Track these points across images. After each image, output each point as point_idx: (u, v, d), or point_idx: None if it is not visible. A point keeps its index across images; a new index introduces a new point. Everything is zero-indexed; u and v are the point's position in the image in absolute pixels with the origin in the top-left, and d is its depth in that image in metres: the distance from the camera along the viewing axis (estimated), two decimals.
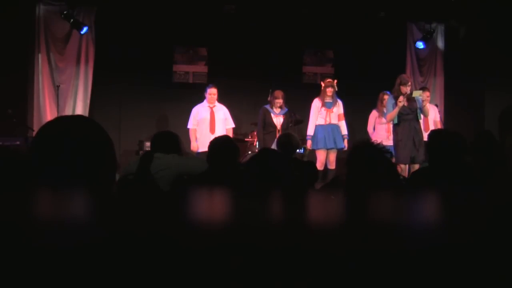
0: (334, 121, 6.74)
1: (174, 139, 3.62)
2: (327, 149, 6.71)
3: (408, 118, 6.03)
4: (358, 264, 0.56)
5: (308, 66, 8.71)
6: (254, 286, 0.55)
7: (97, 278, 0.55)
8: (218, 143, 3.24)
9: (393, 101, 6.08)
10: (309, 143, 6.71)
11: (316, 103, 6.80)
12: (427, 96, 6.85)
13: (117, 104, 8.08)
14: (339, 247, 0.58)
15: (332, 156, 6.75)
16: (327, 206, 0.78)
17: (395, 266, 0.57)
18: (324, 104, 6.74)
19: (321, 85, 6.94)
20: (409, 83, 6.09)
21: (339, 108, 6.81)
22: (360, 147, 2.28)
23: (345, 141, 6.79)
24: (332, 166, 6.74)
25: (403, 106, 5.99)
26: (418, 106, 6.08)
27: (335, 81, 6.89)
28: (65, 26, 7.70)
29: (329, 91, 6.72)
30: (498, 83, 7.82)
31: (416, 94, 6.08)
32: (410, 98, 6.02)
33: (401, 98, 5.96)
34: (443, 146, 2.84)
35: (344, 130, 6.82)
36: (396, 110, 6.00)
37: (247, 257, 0.56)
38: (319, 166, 6.46)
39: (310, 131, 6.76)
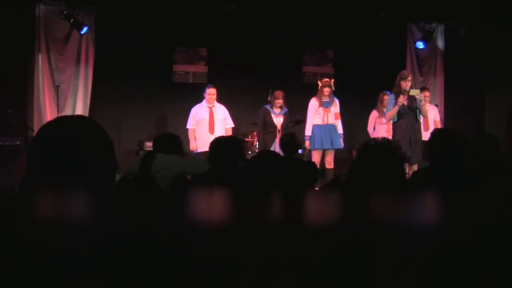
0: (331, 120, 6.72)
1: (176, 140, 3.71)
2: (324, 150, 6.71)
3: (406, 117, 5.93)
4: (357, 264, 0.56)
5: (308, 66, 8.71)
6: (254, 286, 0.55)
7: (97, 278, 0.55)
8: (219, 143, 3.23)
9: (393, 100, 5.97)
10: (307, 144, 6.70)
11: (313, 103, 6.78)
12: (427, 96, 6.82)
13: (117, 104, 8.08)
14: (339, 247, 0.58)
15: (330, 156, 6.74)
16: (327, 206, 0.78)
17: (394, 266, 0.57)
18: (321, 104, 6.72)
19: (318, 85, 6.93)
20: (409, 78, 5.98)
21: (336, 107, 6.80)
22: (375, 146, 2.22)
23: (341, 140, 6.79)
24: (330, 166, 6.73)
25: (402, 104, 5.88)
26: (417, 106, 5.96)
27: (332, 80, 6.88)
28: (65, 26, 7.71)
29: (326, 90, 6.70)
30: (498, 83, 7.82)
31: (414, 93, 5.95)
32: (409, 97, 5.91)
33: (401, 97, 5.86)
34: (446, 145, 2.79)
35: (340, 129, 6.80)
36: (396, 109, 5.90)
37: (245, 257, 0.56)
38: None
39: (308, 131, 6.74)
